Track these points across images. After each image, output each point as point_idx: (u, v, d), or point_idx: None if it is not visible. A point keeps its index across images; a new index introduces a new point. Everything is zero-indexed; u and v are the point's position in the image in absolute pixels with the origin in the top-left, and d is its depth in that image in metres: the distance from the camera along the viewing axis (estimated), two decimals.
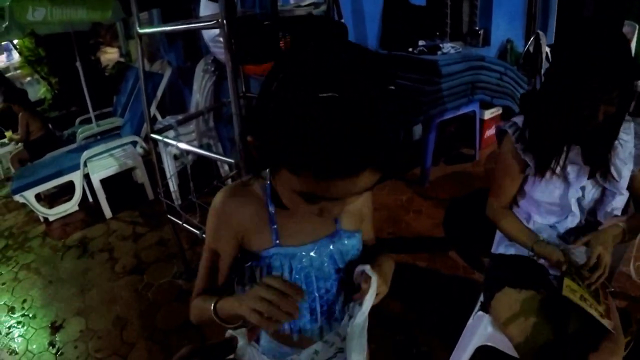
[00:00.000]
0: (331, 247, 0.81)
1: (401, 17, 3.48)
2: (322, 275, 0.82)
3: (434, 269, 2.34)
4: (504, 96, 3.36)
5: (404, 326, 1.96)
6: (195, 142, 3.37)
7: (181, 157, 3.20)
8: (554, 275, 1.27)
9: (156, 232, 3.09)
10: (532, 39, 3.92)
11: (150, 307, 2.32)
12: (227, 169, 3.49)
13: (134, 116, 4.14)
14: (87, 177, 3.47)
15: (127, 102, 4.49)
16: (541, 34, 3.85)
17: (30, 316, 2.41)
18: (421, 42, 3.47)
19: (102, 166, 3.47)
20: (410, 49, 3.36)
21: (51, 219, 3.49)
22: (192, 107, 3.62)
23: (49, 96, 6.51)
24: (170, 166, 3.17)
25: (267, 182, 0.77)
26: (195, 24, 1.96)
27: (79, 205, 3.57)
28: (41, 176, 3.38)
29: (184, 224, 2.26)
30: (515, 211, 1.37)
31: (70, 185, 3.50)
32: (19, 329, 2.32)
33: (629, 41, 3.80)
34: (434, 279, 2.28)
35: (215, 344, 0.64)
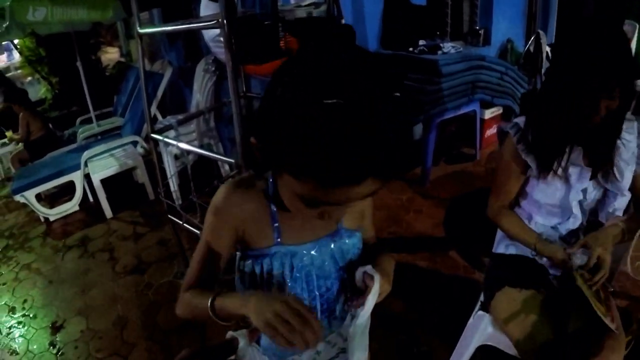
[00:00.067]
0: (332, 245, 0.81)
1: (401, 17, 3.48)
2: (323, 274, 0.82)
3: (434, 269, 2.34)
4: (505, 96, 3.36)
5: (405, 326, 1.96)
6: (195, 142, 3.37)
7: (182, 157, 3.20)
8: (554, 275, 1.27)
9: (157, 232, 3.09)
10: (532, 38, 3.92)
11: (150, 307, 2.32)
12: (227, 168, 3.49)
13: (134, 116, 4.14)
14: (87, 177, 3.47)
15: (128, 102, 4.50)
16: (542, 33, 3.84)
17: (30, 316, 2.41)
18: (421, 42, 3.46)
19: (103, 166, 3.47)
20: (410, 49, 3.36)
21: (52, 219, 3.49)
22: (193, 107, 3.62)
23: (49, 96, 6.52)
24: (170, 166, 3.17)
25: (270, 181, 0.77)
26: (195, 24, 1.96)
27: (80, 205, 3.57)
28: (42, 176, 3.38)
29: (185, 224, 2.26)
30: (516, 211, 1.37)
31: (70, 185, 3.50)
32: (19, 329, 2.32)
33: (629, 40, 3.80)
34: (434, 279, 2.28)
35: (216, 345, 0.64)
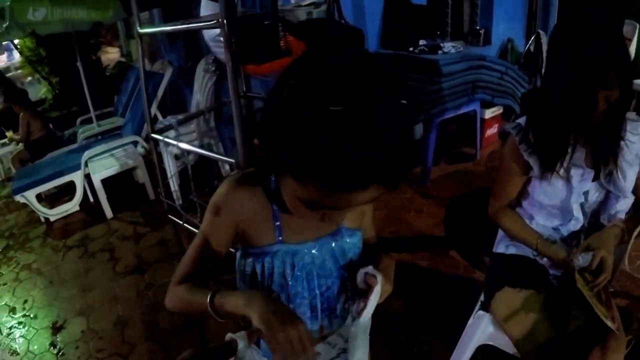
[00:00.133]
0: (333, 244, 0.82)
1: (402, 17, 3.48)
2: (324, 272, 0.82)
3: (434, 268, 2.34)
4: (505, 95, 3.36)
5: (405, 325, 1.96)
6: (196, 142, 3.37)
7: (182, 157, 3.20)
8: (554, 275, 1.27)
9: (157, 232, 3.09)
10: (532, 38, 3.92)
11: (151, 307, 2.32)
12: (228, 168, 3.49)
13: (134, 116, 4.14)
14: (87, 177, 3.47)
15: (128, 102, 4.50)
16: (542, 33, 3.84)
17: (31, 316, 2.41)
18: (422, 42, 3.46)
19: (103, 166, 3.47)
20: (411, 49, 3.36)
21: (52, 219, 3.49)
22: (193, 107, 3.62)
23: (49, 96, 6.53)
24: (171, 166, 3.17)
25: (272, 180, 0.76)
26: (195, 24, 1.96)
27: (80, 205, 3.57)
28: (42, 176, 3.38)
29: (185, 224, 2.26)
30: (517, 212, 1.36)
31: (71, 185, 3.50)
32: (20, 329, 2.32)
33: (625, 39, 3.80)
34: (434, 278, 2.28)
35: (215, 347, 0.64)
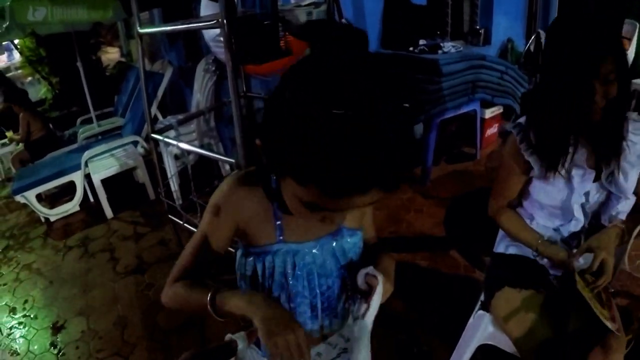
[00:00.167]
0: (334, 244, 0.82)
1: (402, 17, 3.48)
2: (324, 272, 0.83)
3: (435, 268, 2.34)
4: (505, 95, 3.36)
5: (405, 325, 1.95)
6: (196, 142, 3.37)
7: (182, 157, 3.20)
8: (554, 275, 1.27)
9: (157, 232, 3.09)
10: (532, 38, 3.92)
11: (151, 307, 2.32)
12: (228, 168, 3.49)
13: (134, 116, 4.14)
14: (88, 177, 3.47)
15: (128, 102, 4.50)
16: (542, 32, 3.84)
17: (31, 317, 2.41)
18: (422, 41, 3.46)
19: (103, 166, 3.47)
20: (411, 48, 3.36)
21: (52, 219, 3.49)
22: (193, 107, 3.62)
23: (49, 96, 6.52)
24: (171, 166, 3.17)
25: (273, 179, 0.76)
26: (195, 24, 1.97)
27: (80, 205, 3.57)
28: (42, 176, 3.38)
29: (185, 224, 2.26)
30: (518, 211, 1.36)
31: (71, 185, 3.50)
32: (20, 329, 2.32)
33: (625, 39, 3.80)
34: (435, 278, 2.28)
35: (215, 347, 0.64)
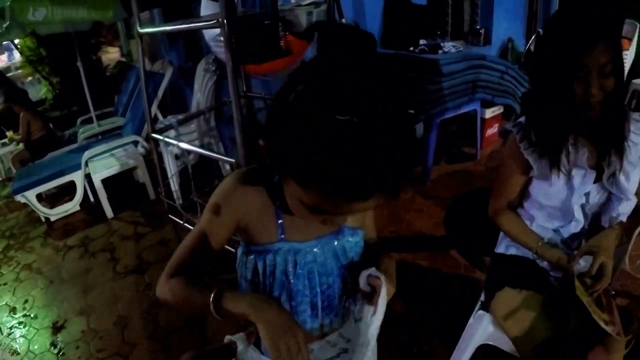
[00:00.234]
0: (335, 243, 0.82)
1: (402, 16, 3.48)
2: (325, 271, 0.83)
3: (435, 268, 2.34)
4: (505, 95, 3.36)
5: (405, 325, 1.96)
6: (196, 142, 3.37)
7: (182, 156, 3.20)
8: (555, 276, 1.26)
9: (157, 232, 3.09)
10: (533, 37, 3.92)
11: (151, 307, 2.32)
12: (228, 168, 3.49)
13: (135, 116, 4.14)
14: (88, 177, 3.47)
15: (129, 102, 4.50)
16: (542, 32, 3.84)
17: (31, 316, 2.41)
18: (422, 41, 3.46)
19: (104, 166, 3.47)
20: (411, 48, 3.36)
21: (52, 219, 3.49)
22: (193, 107, 3.62)
23: (50, 96, 6.53)
24: (171, 166, 3.17)
25: (275, 178, 0.76)
26: (196, 24, 1.96)
27: (80, 205, 3.58)
28: (42, 176, 3.38)
29: (185, 224, 2.26)
30: (518, 212, 1.35)
31: (71, 185, 3.50)
32: (20, 329, 2.33)
33: (625, 39, 3.79)
34: (435, 278, 2.27)
35: (215, 348, 0.64)
